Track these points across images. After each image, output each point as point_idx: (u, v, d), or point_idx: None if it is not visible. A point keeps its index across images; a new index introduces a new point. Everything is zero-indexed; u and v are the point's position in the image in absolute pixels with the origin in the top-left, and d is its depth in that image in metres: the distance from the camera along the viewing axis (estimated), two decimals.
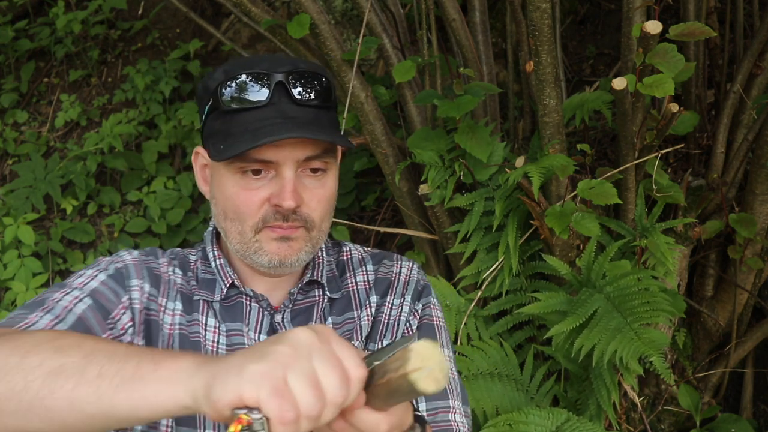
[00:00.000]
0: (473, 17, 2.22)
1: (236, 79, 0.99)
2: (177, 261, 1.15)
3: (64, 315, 0.97)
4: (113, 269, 1.07)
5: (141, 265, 1.10)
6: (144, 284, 1.07)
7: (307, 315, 1.12)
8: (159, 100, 3.36)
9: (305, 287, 1.13)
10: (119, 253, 1.12)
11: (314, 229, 1.05)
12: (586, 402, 1.93)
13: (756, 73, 2.04)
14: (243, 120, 0.99)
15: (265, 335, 1.09)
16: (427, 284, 1.20)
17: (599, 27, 3.03)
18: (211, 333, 1.08)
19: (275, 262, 1.04)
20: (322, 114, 1.02)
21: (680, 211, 2.11)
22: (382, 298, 1.16)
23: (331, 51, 2.05)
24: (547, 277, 2.06)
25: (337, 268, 1.19)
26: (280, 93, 0.99)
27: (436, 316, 1.17)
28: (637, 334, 1.67)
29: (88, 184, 3.17)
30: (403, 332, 1.13)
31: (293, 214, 1.01)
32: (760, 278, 2.18)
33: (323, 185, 1.04)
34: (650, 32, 1.53)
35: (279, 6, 3.33)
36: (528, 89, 2.24)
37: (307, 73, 1.01)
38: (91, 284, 1.04)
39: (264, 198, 1.01)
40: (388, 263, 1.20)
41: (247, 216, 1.02)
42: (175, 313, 1.08)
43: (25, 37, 3.74)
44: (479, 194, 2.05)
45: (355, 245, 1.26)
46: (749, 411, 2.35)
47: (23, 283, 2.77)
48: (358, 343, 1.11)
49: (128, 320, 1.03)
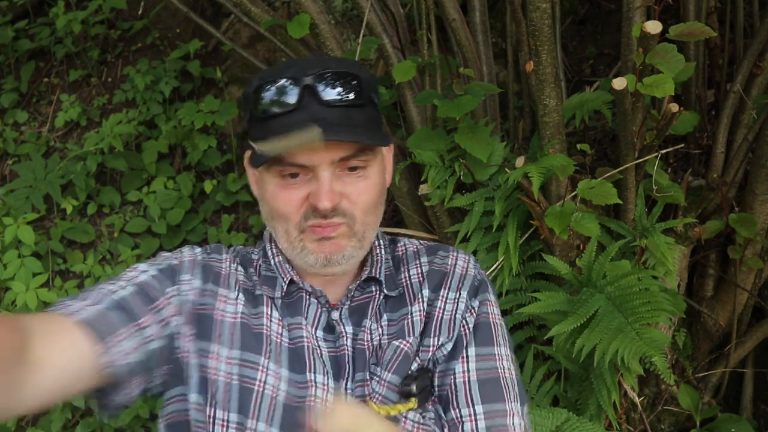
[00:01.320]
0: (473, 17, 2.22)
1: (267, 85, 1.03)
2: (239, 258, 1.18)
3: (101, 298, 1.01)
4: (166, 265, 1.11)
5: (196, 263, 1.13)
6: (194, 280, 1.10)
7: (362, 312, 1.13)
8: (159, 100, 3.36)
9: (363, 284, 1.15)
10: (181, 250, 1.16)
11: (356, 223, 1.06)
12: (586, 402, 1.93)
13: (756, 73, 2.04)
14: (275, 125, 1.02)
15: (321, 331, 1.11)
16: (484, 280, 1.19)
17: (599, 27, 3.02)
18: (276, 324, 1.11)
19: (322, 261, 1.06)
20: (355, 112, 1.03)
21: (680, 211, 2.11)
22: (435, 292, 1.15)
23: (331, 51, 2.05)
24: (547, 277, 2.06)
25: (393, 265, 1.19)
26: (309, 96, 1.01)
27: (492, 314, 1.15)
28: (638, 334, 1.67)
29: (88, 184, 3.16)
30: (458, 330, 1.12)
31: (332, 212, 1.03)
32: (760, 278, 2.18)
33: (364, 179, 1.05)
34: (650, 32, 1.53)
35: (279, 6, 3.33)
36: (528, 89, 2.24)
37: (335, 74, 1.02)
38: (140, 277, 1.08)
39: (303, 197, 1.04)
40: (443, 254, 1.20)
41: (290, 215, 1.05)
42: (239, 303, 1.11)
43: (25, 37, 3.73)
44: (479, 194, 2.05)
45: (411, 239, 1.26)
46: (749, 411, 2.35)
47: (23, 283, 2.76)
48: (413, 339, 1.11)
49: (173, 311, 1.07)
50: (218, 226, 3.12)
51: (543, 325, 2.04)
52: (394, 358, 1.09)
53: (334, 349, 1.11)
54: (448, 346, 1.12)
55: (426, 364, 1.11)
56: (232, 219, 3.08)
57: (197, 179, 3.24)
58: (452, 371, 1.10)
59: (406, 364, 1.09)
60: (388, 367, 1.08)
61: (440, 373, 1.11)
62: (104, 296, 1.02)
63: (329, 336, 1.12)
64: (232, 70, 3.50)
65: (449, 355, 1.12)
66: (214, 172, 3.24)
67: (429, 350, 1.11)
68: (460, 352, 1.11)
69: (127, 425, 2.61)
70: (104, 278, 2.93)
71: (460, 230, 2.08)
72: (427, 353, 1.11)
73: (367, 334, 1.11)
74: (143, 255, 3.06)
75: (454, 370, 1.10)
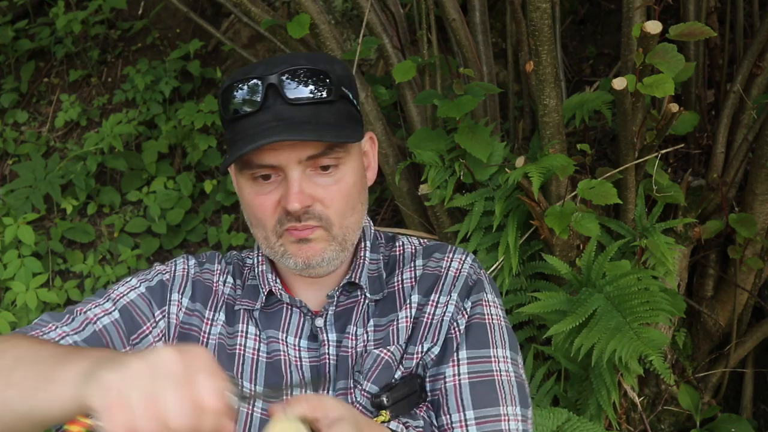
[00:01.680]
0: (473, 17, 2.22)
1: (234, 87, 1.00)
2: (232, 267, 1.17)
3: (83, 327, 1.02)
4: (156, 281, 1.11)
5: (188, 278, 1.13)
6: (183, 299, 1.10)
7: (346, 317, 1.10)
8: (159, 100, 3.37)
9: (348, 288, 1.12)
10: (175, 261, 1.15)
11: (334, 227, 1.03)
12: (586, 402, 1.93)
13: (756, 73, 2.04)
14: (242, 127, 0.99)
15: (306, 340, 1.09)
16: (481, 279, 1.13)
17: (599, 27, 3.02)
18: (252, 341, 1.09)
19: (301, 264, 1.04)
20: (324, 110, 0.99)
21: (680, 211, 2.11)
22: (426, 297, 1.11)
23: (331, 51, 2.05)
24: (547, 276, 2.06)
25: (387, 266, 1.16)
26: (273, 95, 0.98)
27: (488, 314, 1.10)
28: (636, 334, 1.66)
29: (88, 184, 3.17)
30: (448, 332, 1.08)
31: (305, 214, 1.00)
32: (760, 278, 2.18)
33: (337, 181, 1.02)
34: (650, 32, 1.53)
35: (279, 6, 3.33)
36: (528, 89, 2.24)
37: (301, 71, 0.99)
38: (129, 296, 1.08)
39: (275, 201, 1.01)
40: (438, 257, 1.15)
41: (265, 221, 1.03)
42: (217, 324, 1.10)
43: (25, 37, 3.74)
44: (479, 194, 2.05)
45: (411, 238, 1.21)
46: (749, 411, 2.35)
47: (23, 283, 2.77)
48: (395, 347, 1.07)
49: (159, 333, 1.07)
50: (218, 226, 3.12)
51: (543, 325, 2.04)
52: (374, 368, 1.06)
53: (316, 358, 1.08)
54: (435, 350, 1.07)
55: (414, 370, 1.07)
56: (232, 219, 3.08)
57: (197, 179, 3.24)
58: (443, 375, 1.06)
59: (387, 373, 1.05)
60: (367, 376, 1.05)
61: (431, 378, 1.07)
62: (87, 324, 1.02)
63: (313, 344, 1.09)
64: (232, 70, 3.50)
65: (439, 358, 1.07)
66: (214, 172, 3.24)
67: (413, 357, 1.07)
68: (450, 356, 1.06)
69: None
70: (104, 278, 2.94)
71: (460, 230, 2.08)
72: (412, 360, 1.07)
73: (352, 340, 1.08)
74: (143, 255, 3.06)
75: (445, 374, 1.05)
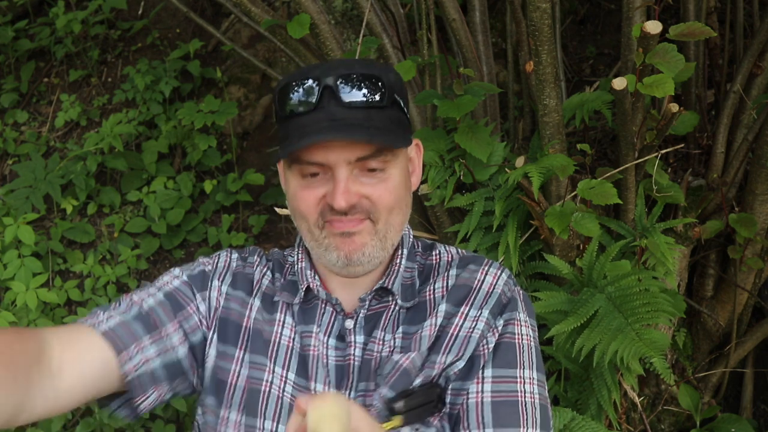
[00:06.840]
0: (473, 17, 2.22)
1: (291, 85, 1.05)
2: (273, 263, 1.21)
3: (129, 308, 1.09)
4: (198, 271, 1.17)
5: (229, 269, 1.19)
6: (224, 286, 1.16)
7: (375, 321, 1.12)
8: (159, 100, 3.36)
9: (380, 293, 1.14)
10: (219, 254, 1.22)
11: (380, 221, 1.06)
12: (587, 402, 1.93)
13: (756, 73, 2.04)
14: (296, 125, 1.04)
15: (333, 339, 1.12)
16: (515, 297, 1.13)
17: (599, 27, 3.03)
18: (289, 330, 1.13)
19: (343, 259, 1.07)
20: (376, 113, 1.03)
21: (680, 211, 2.11)
22: (456, 307, 1.11)
23: (331, 51, 2.05)
24: (547, 277, 2.06)
25: (422, 274, 1.17)
26: (328, 97, 1.02)
27: (519, 334, 1.10)
28: (638, 335, 1.67)
29: (88, 184, 3.16)
30: (476, 349, 1.08)
31: (352, 208, 1.04)
32: (760, 278, 2.18)
33: (383, 181, 1.05)
34: (650, 32, 1.53)
35: (279, 6, 3.33)
36: (528, 89, 2.24)
37: (356, 75, 1.03)
38: (172, 283, 1.15)
39: (320, 196, 1.05)
40: (473, 268, 1.15)
41: (308, 214, 1.07)
42: (257, 310, 1.15)
43: (25, 37, 3.74)
44: (479, 194, 2.05)
45: (449, 247, 1.23)
46: (749, 411, 2.35)
47: (23, 283, 2.76)
48: (417, 354, 1.08)
49: (201, 317, 1.13)
50: (218, 226, 3.12)
51: (543, 325, 2.04)
52: (392, 373, 1.07)
53: (342, 358, 1.11)
54: (459, 365, 1.08)
55: (435, 380, 1.08)
56: (232, 219, 3.08)
57: (197, 179, 3.24)
58: (466, 391, 1.06)
59: (406, 379, 1.07)
60: (385, 381, 1.07)
61: (453, 391, 1.08)
62: (133, 305, 1.09)
63: (340, 344, 1.12)
64: (232, 70, 3.50)
65: (464, 374, 1.08)
66: (214, 172, 3.24)
67: (435, 367, 1.08)
68: (476, 373, 1.07)
69: (127, 425, 2.61)
70: (104, 278, 2.94)
71: (460, 230, 2.08)
72: (433, 369, 1.08)
73: (378, 345, 1.10)
74: (143, 255, 3.06)
75: (468, 390, 1.06)
